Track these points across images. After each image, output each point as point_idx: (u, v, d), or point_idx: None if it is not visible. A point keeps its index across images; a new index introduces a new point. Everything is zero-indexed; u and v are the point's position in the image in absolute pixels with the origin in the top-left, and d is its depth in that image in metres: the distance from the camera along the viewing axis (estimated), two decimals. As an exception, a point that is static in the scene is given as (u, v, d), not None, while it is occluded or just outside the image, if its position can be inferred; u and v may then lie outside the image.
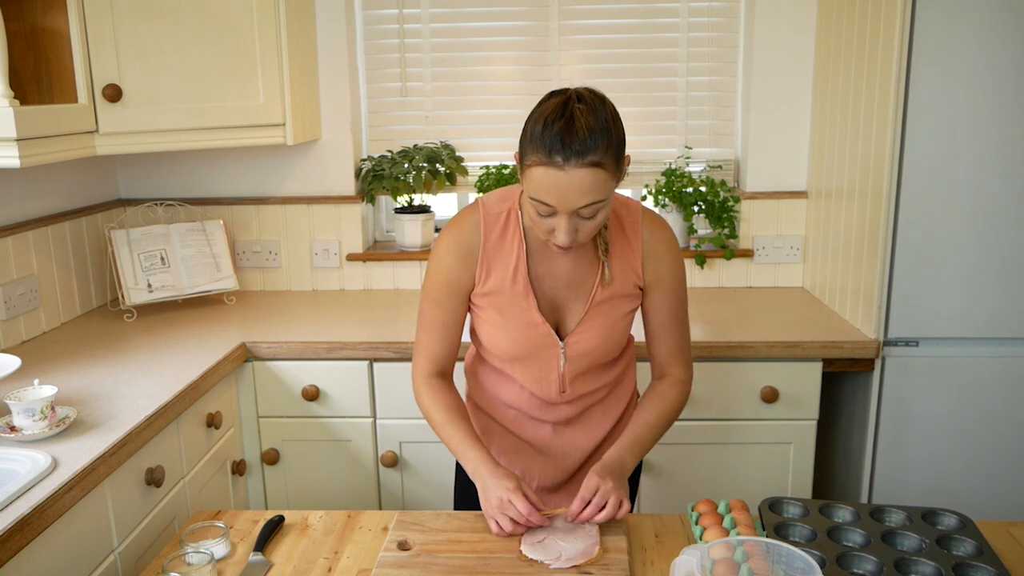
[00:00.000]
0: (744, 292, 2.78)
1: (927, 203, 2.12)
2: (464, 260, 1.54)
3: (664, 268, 1.56)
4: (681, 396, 1.62)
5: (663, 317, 1.60)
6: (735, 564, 1.20)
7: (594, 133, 1.31)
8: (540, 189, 1.35)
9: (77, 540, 1.51)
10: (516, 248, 1.53)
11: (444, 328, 1.60)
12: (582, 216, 1.37)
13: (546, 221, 1.39)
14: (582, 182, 1.32)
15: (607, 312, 1.55)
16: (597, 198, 1.35)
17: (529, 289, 1.53)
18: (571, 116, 1.32)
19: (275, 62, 2.39)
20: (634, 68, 2.82)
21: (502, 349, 1.59)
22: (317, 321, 2.49)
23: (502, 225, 1.54)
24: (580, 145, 1.30)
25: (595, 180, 1.33)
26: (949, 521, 1.44)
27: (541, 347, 1.56)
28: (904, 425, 2.24)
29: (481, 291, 1.55)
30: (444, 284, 1.56)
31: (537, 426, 1.67)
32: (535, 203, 1.37)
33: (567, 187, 1.32)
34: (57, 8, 2.12)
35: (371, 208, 2.95)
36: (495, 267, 1.54)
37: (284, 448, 2.36)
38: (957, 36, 2.02)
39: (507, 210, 1.54)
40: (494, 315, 1.56)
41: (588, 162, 1.31)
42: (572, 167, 1.31)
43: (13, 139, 1.82)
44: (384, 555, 1.41)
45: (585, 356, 1.57)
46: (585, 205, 1.35)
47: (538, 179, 1.34)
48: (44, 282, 2.38)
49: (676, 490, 2.34)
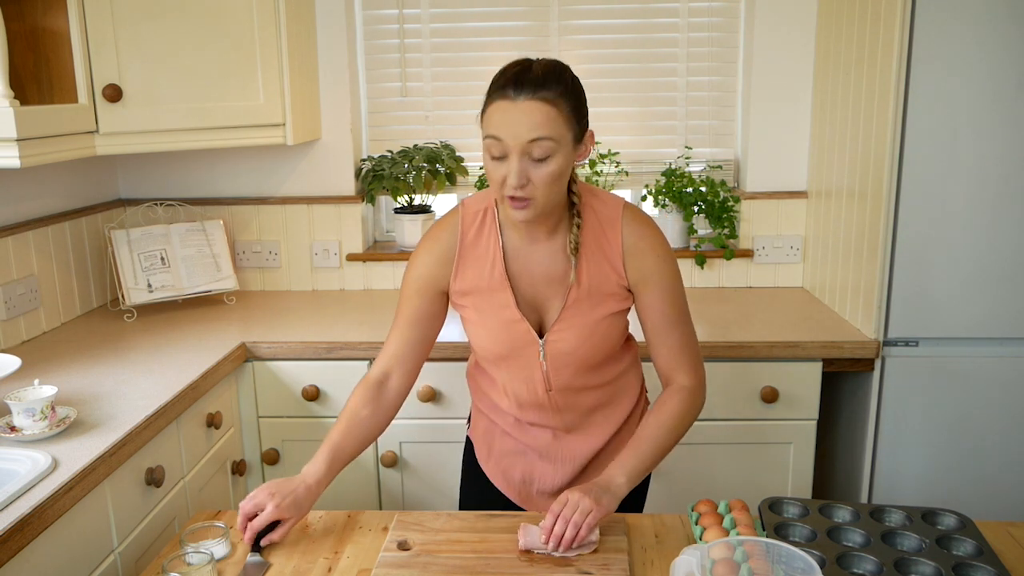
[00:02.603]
0: (744, 292, 2.78)
1: (927, 203, 2.12)
2: (438, 258, 1.55)
3: (648, 266, 1.52)
4: (683, 404, 1.54)
5: (656, 319, 1.55)
6: (735, 564, 1.20)
7: (548, 76, 1.37)
8: (492, 124, 1.38)
9: (77, 540, 1.51)
10: (493, 245, 1.53)
11: (407, 325, 1.58)
12: (533, 157, 1.37)
13: (499, 169, 1.39)
14: (532, 113, 1.35)
15: (585, 311, 1.52)
16: (547, 133, 1.36)
17: (507, 285, 1.52)
18: (529, 64, 1.39)
19: (275, 62, 2.40)
20: (634, 68, 2.82)
21: (485, 348, 1.58)
22: (317, 321, 2.49)
23: (479, 223, 1.54)
24: (533, 81, 1.36)
25: (545, 115, 1.35)
26: (949, 521, 1.44)
27: (521, 345, 1.54)
28: (904, 425, 2.24)
29: (457, 289, 1.55)
30: (414, 283, 1.57)
31: (538, 431, 1.66)
32: (489, 142, 1.39)
33: (517, 119, 1.35)
34: (57, 8, 2.12)
35: (371, 208, 2.95)
36: (471, 265, 1.54)
37: (284, 448, 2.36)
38: (957, 36, 2.02)
39: (484, 208, 1.55)
40: (474, 314, 1.56)
41: (540, 96, 1.35)
42: (524, 99, 1.35)
43: (13, 139, 1.82)
44: (384, 555, 1.41)
45: (567, 356, 1.54)
46: (535, 139, 1.35)
47: (491, 115, 1.38)
48: (44, 282, 2.38)
49: (676, 490, 2.34)
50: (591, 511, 1.37)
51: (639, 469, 1.48)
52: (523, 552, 1.40)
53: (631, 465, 1.48)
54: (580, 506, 1.37)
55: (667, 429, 1.52)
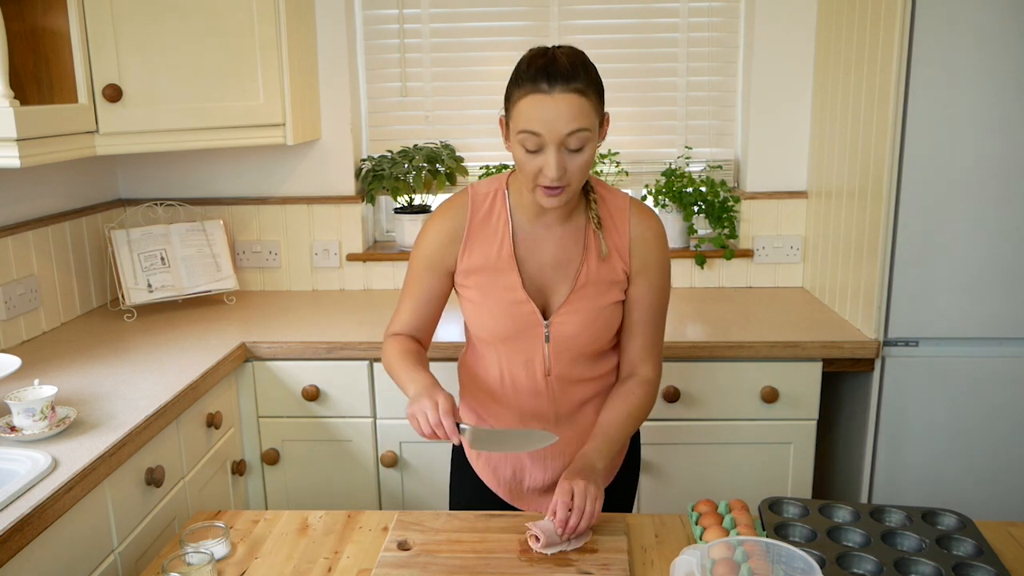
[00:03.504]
0: (744, 292, 2.78)
1: (927, 203, 2.12)
2: (448, 237, 1.56)
3: (652, 258, 1.56)
4: (648, 396, 1.60)
5: (643, 310, 1.58)
6: (735, 564, 1.20)
7: (576, 66, 1.38)
8: (528, 119, 1.38)
9: (77, 540, 1.51)
10: (502, 227, 1.55)
11: (419, 302, 1.62)
12: (570, 148, 1.39)
13: (534, 160, 1.40)
14: (570, 106, 1.36)
15: (592, 296, 1.55)
16: (584, 124, 1.38)
17: (514, 266, 1.54)
18: (553, 55, 1.40)
19: (275, 62, 2.40)
20: (634, 68, 2.82)
21: (486, 329, 1.59)
22: (317, 321, 2.49)
23: (488, 204, 1.56)
24: (564, 73, 1.36)
25: (581, 106, 1.37)
26: (949, 521, 1.44)
27: (525, 326, 1.56)
28: (904, 425, 2.24)
29: (464, 268, 1.57)
30: (425, 260, 1.59)
31: (529, 425, 1.66)
32: (524, 136, 1.39)
33: (555, 112, 1.36)
34: (57, 8, 2.12)
35: (371, 208, 2.95)
36: (479, 245, 1.55)
37: (284, 448, 2.36)
38: (957, 36, 2.02)
39: (495, 190, 1.57)
40: (477, 294, 1.57)
41: (573, 88, 1.36)
42: (558, 92, 1.36)
43: (13, 139, 1.82)
44: (384, 555, 1.41)
45: (569, 340, 1.56)
46: (573, 131, 1.37)
47: (526, 110, 1.38)
48: (44, 282, 2.38)
49: (676, 490, 2.34)
50: (597, 497, 1.42)
51: (611, 454, 1.54)
52: (523, 552, 1.40)
53: (606, 451, 1.52)
54: (589, 494, 1.41)
55: (633, 419, 1.58)
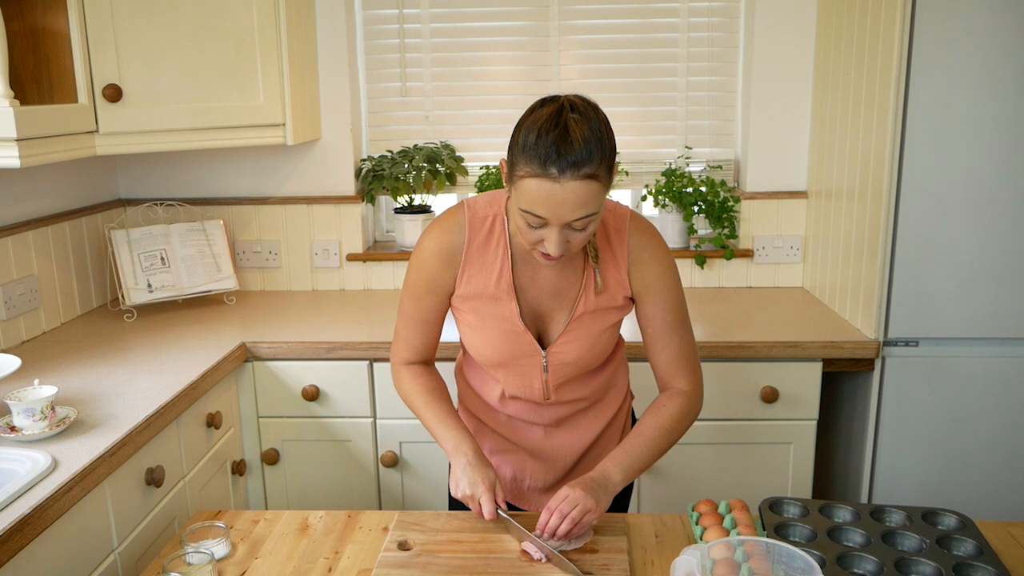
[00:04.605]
0: (744, 292, 2.78)
1: (927, 203, 2.12)
2: (446, 261, 1.53)
3: (651, 275, 1.52)
4: (681, 408, 1.55)
5: (657, 326, 1.55)
6: (735, 564, 1.20)
7: (589, 144, 1.29)
8: (533, 201, 1.32)
9: (77, 540, 1.51)
10: (501, 255, 1.51)
11: (423, 324, 1.60)
12: (573, 228, 1.35)
13: (535, 232, 1.37)
14: (577, 195, 1.30)
15: (590, 324, 1.53)
16: (591, 211, 1.33)
17: (513, 297, 1.51)
18: (565, 126, 1.29)
19: (275, 62, 2.39)
20: (634, 68, 2.81)
21: (483, 355, 1.58)
22: (317, 321, 2.49)
23: (487, 230, 1.52)
24: (576, 156, 1.28)
25: (589, 192, 1.30)
26: (949, 521, 1.44)
27: (522, 355, 1.54)
28: (904, 425, 2.24)
29: (461, 294, 1.54)
30: (424, 282, 1.55)
31: (528, 428, 1.66)
32: (525, 215, 1.34)
33: (562, 200, 1.30)
34: (57, 8, 2.12)
35: (371, 208, 2.95)
36: (477, 272, 1.52)
37: (284, 448, 2.36)
38: (957, 36, 2.02)
39: (493, 215, 1.52)
40: (474, 319, 1.55)
41: (583, 174, 1.28)
42: (567, 179, 1.28)
43: (13, 139, 1.82)
44: (384, 555, 1.41)
45: (568, 366, 1.55)
46: (579, 218, 1.33)
47: (531, 191, 1.31)
48: (44, 282, 2.38)
49: (676, 490, 2.34)
50: (591, 510, 1.39)
51: (635, 468, 1.49)
52: (524, 552, 1.40)
53: (627, 463, 1.48)
54: (581, 504, 1.38)
55: (663, 431, 1.53)
